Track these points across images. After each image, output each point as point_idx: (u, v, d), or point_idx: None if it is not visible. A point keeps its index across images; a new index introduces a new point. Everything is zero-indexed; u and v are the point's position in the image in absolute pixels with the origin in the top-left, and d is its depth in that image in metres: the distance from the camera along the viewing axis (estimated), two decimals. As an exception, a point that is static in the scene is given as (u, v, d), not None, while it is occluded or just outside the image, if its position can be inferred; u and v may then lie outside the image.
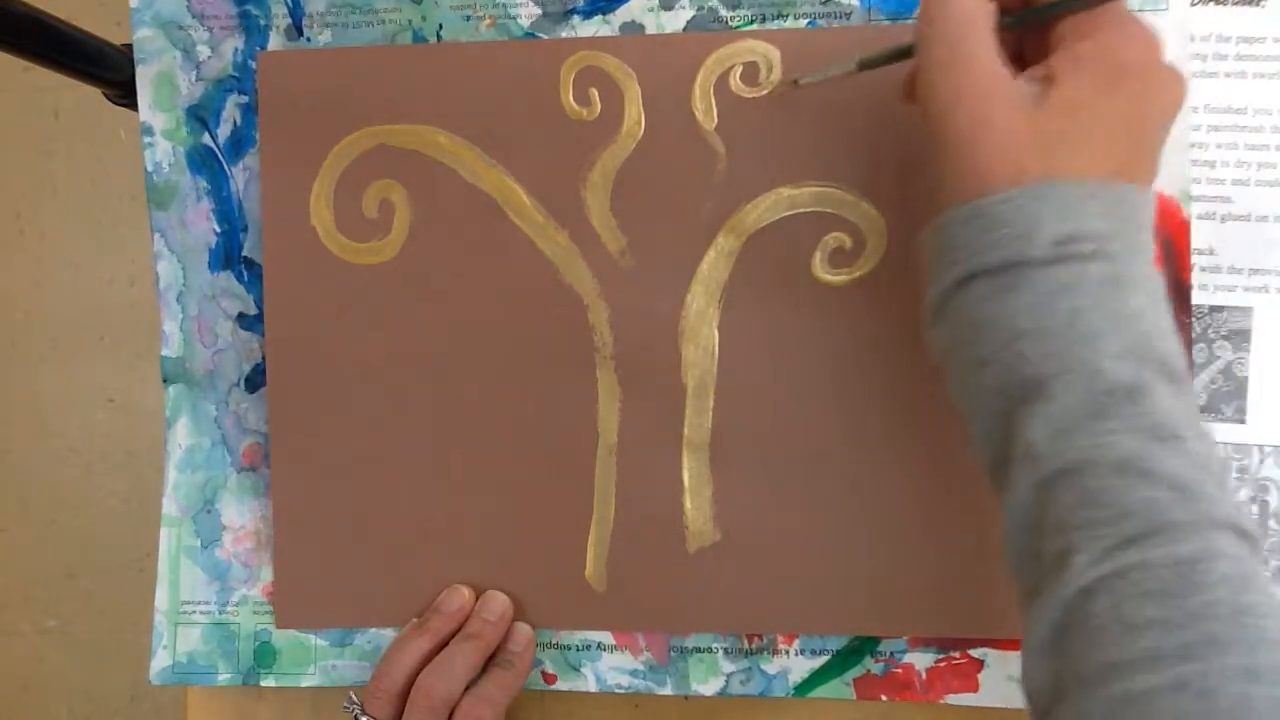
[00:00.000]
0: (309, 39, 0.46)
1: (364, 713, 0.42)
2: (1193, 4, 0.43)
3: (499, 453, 0.45)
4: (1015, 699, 0.43)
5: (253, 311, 0.47)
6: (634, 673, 0.45)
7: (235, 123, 0.46)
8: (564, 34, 0.45)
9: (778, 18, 0.44)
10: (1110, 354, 0.30)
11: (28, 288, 1.28)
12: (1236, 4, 0.43)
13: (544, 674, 0.45)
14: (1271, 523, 0.44)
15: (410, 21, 0.46)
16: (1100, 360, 0.30)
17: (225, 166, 0.47)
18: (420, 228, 0.45)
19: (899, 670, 0.44)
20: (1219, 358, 0.44)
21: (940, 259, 0.33)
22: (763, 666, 0.45)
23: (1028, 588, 0.31)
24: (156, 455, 0.47)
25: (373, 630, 0.46)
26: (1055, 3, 0.34)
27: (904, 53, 0.37)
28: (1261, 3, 0.43)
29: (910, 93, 0.37)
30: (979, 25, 0.33)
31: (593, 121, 0.44)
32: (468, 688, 0.42)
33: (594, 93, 0.44)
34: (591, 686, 0.45)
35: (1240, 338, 0.44)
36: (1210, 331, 0.44)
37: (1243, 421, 0.44)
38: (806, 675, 0.44)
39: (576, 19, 0.45)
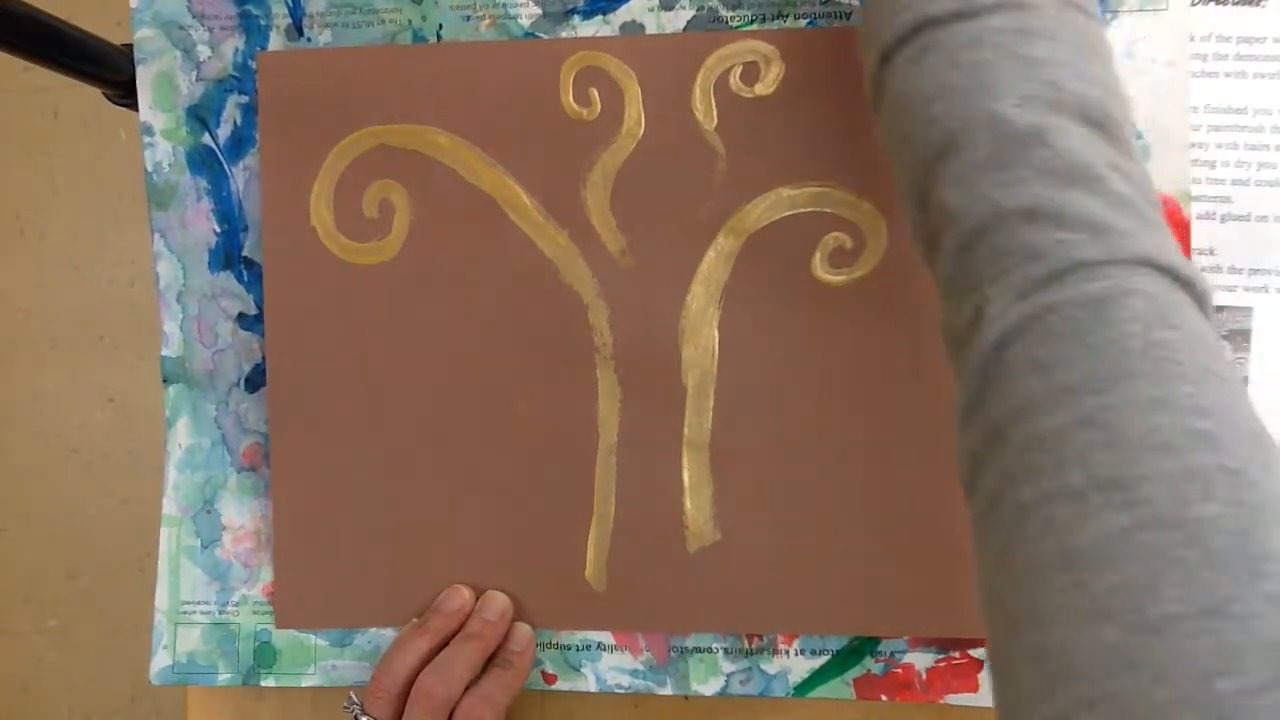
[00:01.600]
0: (309, 39, 0.46)
1: (364, 713, 0.42)
2: (1193, 4, 0.43)
3: (499, 452, 0.45)
4: (1015, 699, 0.43)
5: (253, 311, 0.47)
6: (634, 673, 0.45)
7: (235, 123, 0.46)
8: (564, 34, 0.45)
9: (778, 18, 0.44)
10: (1012, 100, 0.29)
11: (28, 288, 1.28)
12: (1236, 4, 0.43)
13: (544, 674, 0.46)
14: (1271, 523, 0.44)
15: (410, 21, 0.46)
16: (1002, 108, 0.29)
17: (225, 166, 0.47)
18: (420, 228, 0.45)
19: (899, 670, 0.44)
20: (1219, 358, 0.44)
21: (863, 44, 0.34)
22: (763, 666, 0.45)
23: (957, 356, 0.30)
24: (156, 455, 0.47)
25: (373, 630, 0.46)
26: None
27: None
28: (1261, 3, 0.43)
29: None
30: None
31: (593, 121, 0.44)
32: (468, 688, 0.42)
33: (594, 93, 0.44)
34: (591, 686, 0.45)
35: (1240, 338, 0.44)
36: (1210, 331, 0.44)
37: (1243, 421, 0.44)
38: (806, 675, 0.44)
39: (576, 19, 0.45)
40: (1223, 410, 0.25)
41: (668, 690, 0.45)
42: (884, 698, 0.44)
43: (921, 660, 0.44)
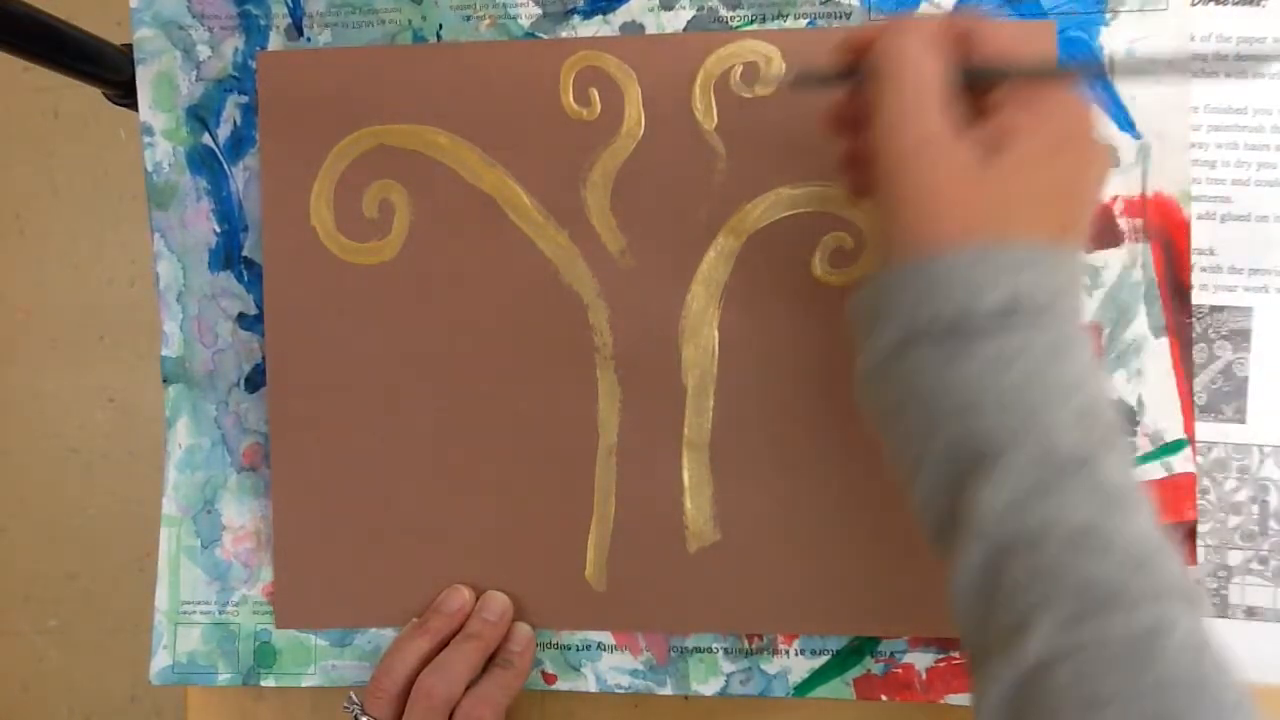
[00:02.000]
0: (309, 39, 0.46)
1: (364, 713, 0.42)
2: (1193, 4, 0.43)
3: (499, 453, 0.45)
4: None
5: (253, 311, 0.47)
6: (634, 673, 0.45)
7: (235, 123, 0.46)
8: (564, 34, 0.45)
9: (778, 18, 0.44)
10: (1059, 426, 0.30)
11: (28, 288, 1.28)
12: (1236, 4, 0.43)
13: (544, 674, 0.45)
14: (1271, 523, 0.44)
15: (410, 21, 0.46)
16: (1049, 433, 0.30)
17: (225, 166, 0.47)
18: (420, 228, 0.45)
19: (899, 670, 0.44)
20: (1219, 358, 0.44)
21: (879, 318, 0.33)
22: (763, 666, 0.45)
23: (978, 652, 0.31)
24: (156, 455, 0.47)
25: (373, 630, 0.46)
26: (999, 71, 0.34)
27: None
28: (1261, 3, 0.43)
29: (833, 125, 0.38)
30: (929, 87, 0.33)
31: (593, 121, 0.44)
32: (468, 688, 0.42)
33: (594, 93, 0.44)
34: (591, 686, 0.45)
35: (1240, 338, 0.44)
36: (1210, 331, 0.44)
37: (1243, 421, 0.44)
38: (806, 675, 0.44)
39: (576, 19, 0.45)
40: None
41: (668, 690, 0.45)
42: (884, 698, 0.44)
43: (921, 660, 0.44)
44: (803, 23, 0.44)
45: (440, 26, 0.45)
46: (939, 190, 0.32)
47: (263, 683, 0.47)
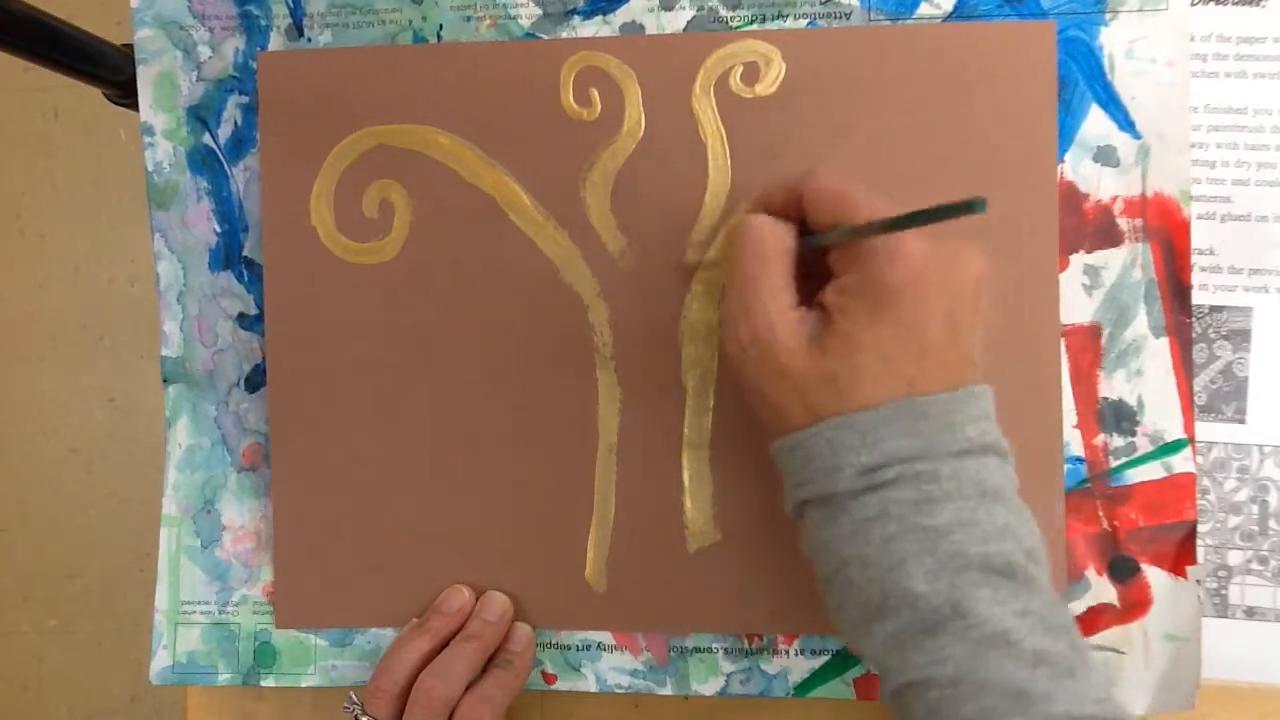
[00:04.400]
0: (309, 39, 0.46)
1: (364, 713, 0.42)
2: (1193, 4, 0.43)
3: (499, 453, 0.45)
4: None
5: (253, 311, 0.47)
6: (634, 673, 0.45)
7: (236, 123, 0.46)
8: (564, 34, 0.45)
9: (778, 18, 0.44)
10: (924, 575, 0.32)
11: (28, 288, 1.28)
12: (1236, 4, 0.43)
13: (544, 674, 0.46)
14: (1271, 523, 0.44)
15: (410, 21, 0.46)
16: (916, 584, 0.32)
17: (225, 166, 0.47)
18: (420, 228, 0.45)
19: (899, 670, 0.44)
20: (1219, 358, 0.44)
21: (784, 480, 0.36)
22: (763, 666, 0.45)
23: None
24: (156, 455, 0.47)
25: (373, 630, 0.46)
26: (817, 236, 0.35)
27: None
28: (1261, 3, 0.43)
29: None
30: (771, 265, 0.35)
31: (593, 121, 0.44)
32: (468, 688, 0.42)
33: (594, 93, 0.44)
34: (591, 686, 0.45)
35: (1240, 338, 0.44)
36: (1210, 331, 0.44)
37: (1243, 421, 0.44)
38: (806, 675, 0.44)
39: (576, 19, 0.45)
40: None
41: (668, 690, 0.45)
42: (884, 698, 0.44)
43: (921, 660, 0.44)
44: (803, 23, 0.44)
45: (440, 26, 0.45)
46: (781, 373, 0.34)
47: (263, 683, 0.47)
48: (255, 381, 0.47)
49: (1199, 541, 0.43)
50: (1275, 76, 0.43)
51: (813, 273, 0.36)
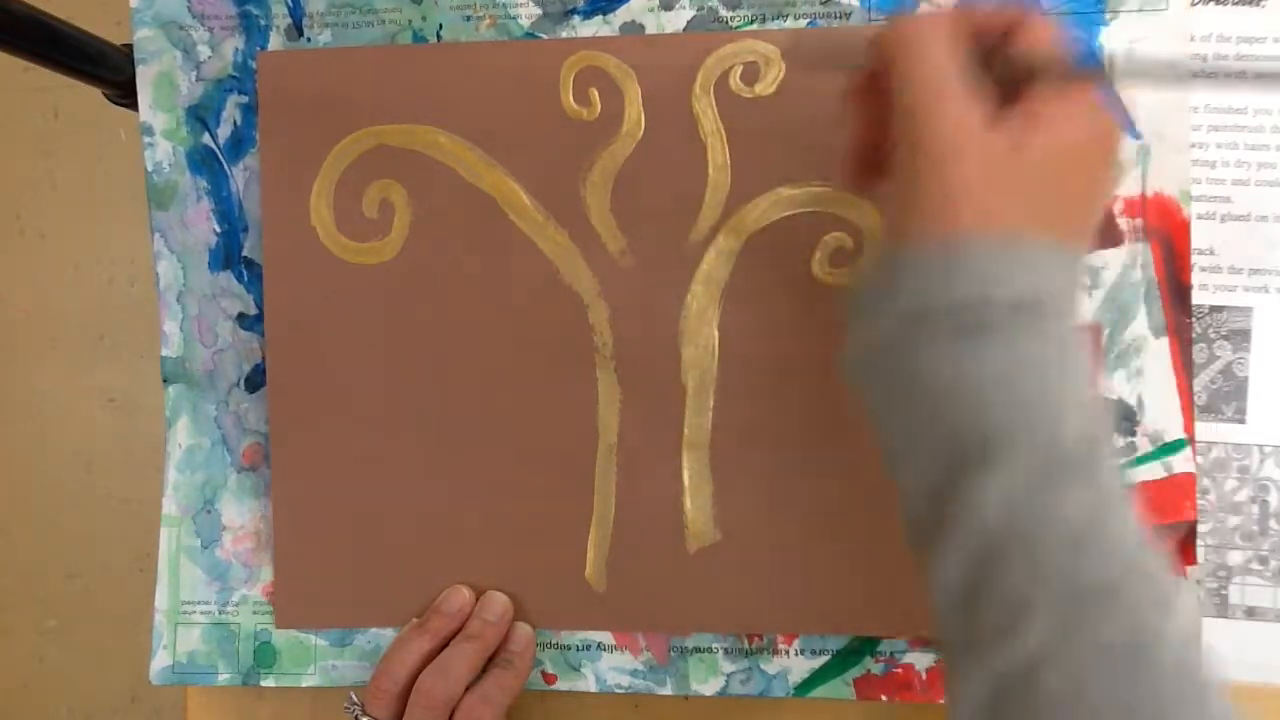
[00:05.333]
0: (309, 39, 0.46)
1: (364, 713, 0.42)
2: (1193, 4, 0.43)
3: (499, 453, 0.45)
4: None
5: (253, 311, 0.47)
6: (634, 673, 0.45)
7: (235, 123, 0.46)
8: (564, 34, 0.45)
9: (778, 18, 0.44)
10: (1065, 424, 0.30)
11: (28, 287, 1.28)
12: (1236, 4, 0.43)
13: (544, 674, 0.45)
14: (1271, 523, 0.44)
15: (410, 21, 0.46)
16: (1055, 430, 0.30)
17: (225, 166, 0.47)
18: (420, 228, 0.45)
19: (899, 670, 0.44)
20: (1219, 358, 0.44)
21: (884, 299, 0.32)
22: (763, 666, 0.45)
23: (959, 650, 0.31)
24: (156, 455, 0.47)
25: (373, 630, 0.46)
26: (1028, 64, 0.33)
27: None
28: (1261, 3, 0.43)
29: (855, 101, 0.36)
30: (950, 73, 0.32)
31: (593, 121, 0.44)
32: (468, 688, 0.42)
33: (594, 93, 0.44)
34: (591, 686, 0.45)
35: (1240, 338, 0.44)
36: (1210, 331, 0.44)
37: (1243, 421, 0.44)
38: (806, 675, 0.44)
39: (576, 19, 0.45)
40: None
41: (668, 690, 0.45)
42: (884, 698, 0.44)
43: (921, 660, 0.44)
44: (803, 23, 0.44)
45: (440, 26, 0.45)
46: (965, 177, 0.31)
47: (263, 683, 0.47)
48: (255, 381, 0.47)
49: (1199, 541, 0.43)
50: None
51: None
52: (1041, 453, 0.29)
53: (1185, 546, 0.43)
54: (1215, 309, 0.44)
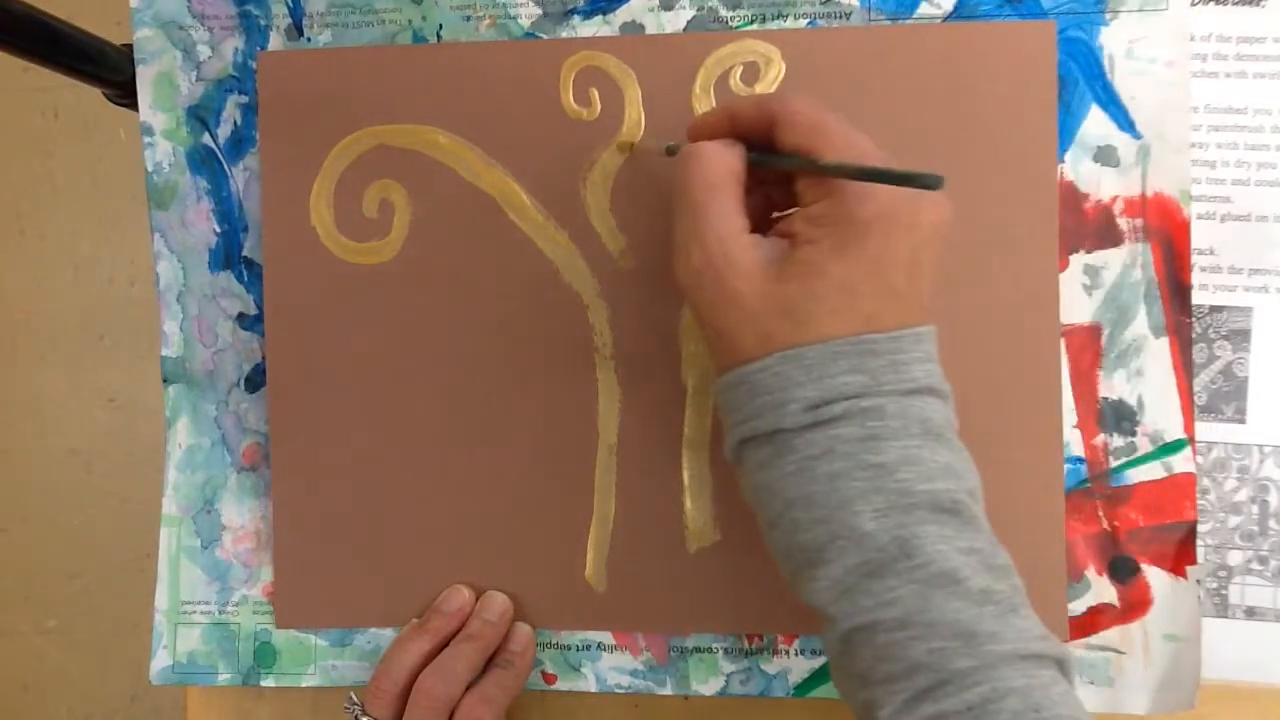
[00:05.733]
0: (309, 39, 0.46)
1: (364, 713, 0.42)
2: (1193, 4, 0.43)
3: (499, 452, 0.45)
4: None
5: (253, 311, 0.47)
6: (634, 673, 0.45)
7: (235, 123, 0.46)
8: (564, 34, 0.45)
9: (778, 18, 0.44)
10: (872, 514, 0.31)
11: (28, 288, 1.28)
12: (1236, 4, 0.43)
13: (544, 674, 0.45)
14: (1271, 523, 0.44)
15: (410, 21, 0.46)
16: (863, 523, 0.31)
17: (225, 166, 0.47)
18: (420, 228, 0.45)
19: (899, 670, 0.44)
20: (1219, 358, 0.44)
21: (726, 419, 0.35)
22: (763, 666, 0.45)
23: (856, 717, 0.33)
24: (156, 455, 0.47)
25: (373, 630, 0.46)
26: (785, 159, 0.34)
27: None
28: (1261, 3, 0.43)
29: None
30: (722, 190, 0.34)
31: (593, 121, 0.44)
32: (468, 688, 0.42)
33: (594, 93, 0.44)
34: (591, 686, 0.45)
35: (1240, 338, 0.44)
36: (1210, 331, 0.44)
37: (1243, 421, 0.44)
38: (806, 675, 0.44)
39: (576, 19, 0.45)
40: None
41: (668, 690, 0.45)
42: (884, 698, 0.44)
43: (921, 660, 0.44)
44: (803, 23, 0.44)
45: (440, 26, 0.45)
46: (736, 299, 0.33)
47: (263, 683, 0.47)
48: (255, 381, 0.47)
49: (1199, 541, 0.43)
50: (1275, 76, 0.43)
51: (763, 202, 0.37)
52: (850, 554, 0.32)
53: (1185, 546, 0.43)
54: (1215, 309, 0.44)
